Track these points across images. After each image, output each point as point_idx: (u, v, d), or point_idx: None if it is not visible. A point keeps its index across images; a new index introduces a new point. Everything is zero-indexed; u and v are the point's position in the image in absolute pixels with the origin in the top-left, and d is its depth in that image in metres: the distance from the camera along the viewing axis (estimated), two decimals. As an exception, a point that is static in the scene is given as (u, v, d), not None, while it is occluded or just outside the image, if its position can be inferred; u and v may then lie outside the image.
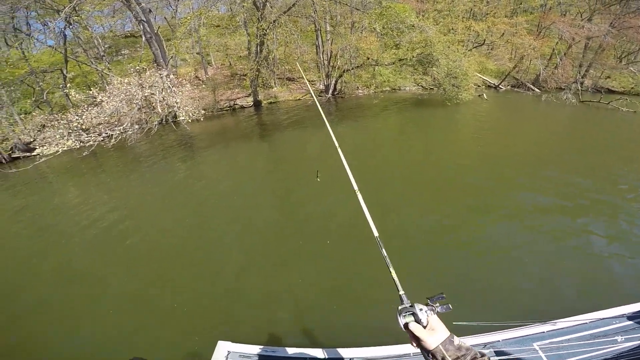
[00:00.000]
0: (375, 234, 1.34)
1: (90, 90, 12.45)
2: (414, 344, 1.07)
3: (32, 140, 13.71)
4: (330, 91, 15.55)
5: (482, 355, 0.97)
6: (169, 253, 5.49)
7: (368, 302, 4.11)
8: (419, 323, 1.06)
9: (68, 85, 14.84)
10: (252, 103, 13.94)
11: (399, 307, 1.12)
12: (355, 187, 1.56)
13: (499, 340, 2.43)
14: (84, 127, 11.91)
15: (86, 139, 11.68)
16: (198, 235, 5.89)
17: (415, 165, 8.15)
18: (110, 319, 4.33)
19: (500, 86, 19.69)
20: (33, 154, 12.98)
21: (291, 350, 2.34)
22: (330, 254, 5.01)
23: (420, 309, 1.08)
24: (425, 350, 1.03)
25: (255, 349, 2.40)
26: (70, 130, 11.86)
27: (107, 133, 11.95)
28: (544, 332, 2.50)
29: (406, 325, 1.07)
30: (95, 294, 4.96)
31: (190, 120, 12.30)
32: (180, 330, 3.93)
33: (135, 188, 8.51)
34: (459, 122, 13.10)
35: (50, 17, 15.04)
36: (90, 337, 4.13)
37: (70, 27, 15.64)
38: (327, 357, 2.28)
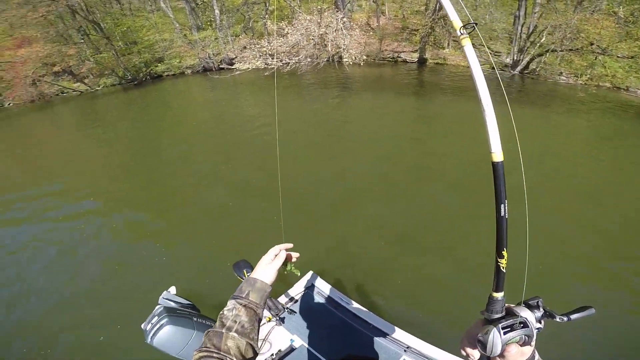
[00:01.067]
0: (498, 156, 0.72)
1: (281, 22, 14.45)
2: (470, 357, 0.74)
3: (234, 57, 17.29)
4: (519, 68, 13.02)
5: None
6: (301, 172, 5.98)
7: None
8: (526, 344, 0.67)
9: (267, 16, 17.63)
10: (416, 59, 13.26)
11: (502, 321, 0.68)
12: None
13: None
14: (270, 52, 14.18)
15: (270, 62, 13.92)
16: (327, 165, 6.24)
17: (603, 199, 5.03)
18: (226, 217, 4.88)
19: None
20: (232, 67, 16.56)
21: (358, 307, 2.27)
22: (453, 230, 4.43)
23: (538, 329, 0.68)
24: None
25: (334, 293, 2.41)
26: (261, 54, 14.37)
27: (285, 61, 13.83)
28: None
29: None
30: (223, 183, 5.94)
31: (352, 63, 12.75)
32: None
33: (294, 108, 9.80)
34: None
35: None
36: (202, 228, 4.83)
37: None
38: (388, 333, 2.08)
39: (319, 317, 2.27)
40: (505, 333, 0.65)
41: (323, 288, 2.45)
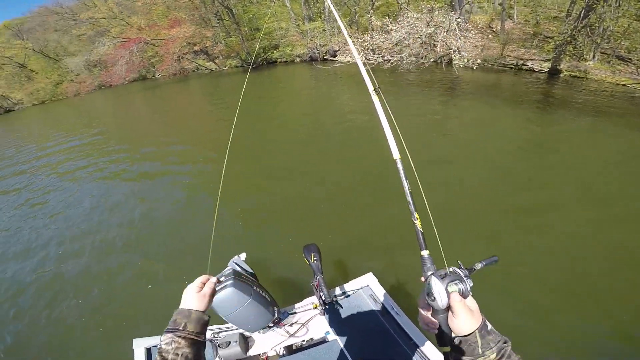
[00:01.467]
0: (396, 155, 1.09)
1: (386, 18, 14.04)
2: (430, 326, 0.78)
3: (337, 49, 17.74)
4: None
5: (506, 342, 0.72)
6: (374, 168, 5.73)
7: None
8: (465, 295, 0.76)
9: (372, 11, 17.40)
10: (546, 69, 11.13)
11: (435, 272, 0.79)
12: None
13: None
14: (371, 47, 14.04)
15: (370, 57, 13.81)
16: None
17: None
18: (308, 201, 4.97)
19: None
20: (335, 59, 17.06)
21: (406, 320, 2.11)
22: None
23: (466, 276, 0.77)
24: (449, 336, 0.75)
25: (387, 299, 2.27)
26: (362, 48, 14.36)
27: (387, 57, 13.50)
28: None
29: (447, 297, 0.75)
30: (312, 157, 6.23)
31: (462, 66, 11.65)
32: (347, 240, 4.10)
33: (388, 103, 9.39)
34: None
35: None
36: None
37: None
38: (426, 354, 1.92)
39: (362, 319, 2.23)
40: (442, 279, 0.76)
41: (377, 292, 2.37)
